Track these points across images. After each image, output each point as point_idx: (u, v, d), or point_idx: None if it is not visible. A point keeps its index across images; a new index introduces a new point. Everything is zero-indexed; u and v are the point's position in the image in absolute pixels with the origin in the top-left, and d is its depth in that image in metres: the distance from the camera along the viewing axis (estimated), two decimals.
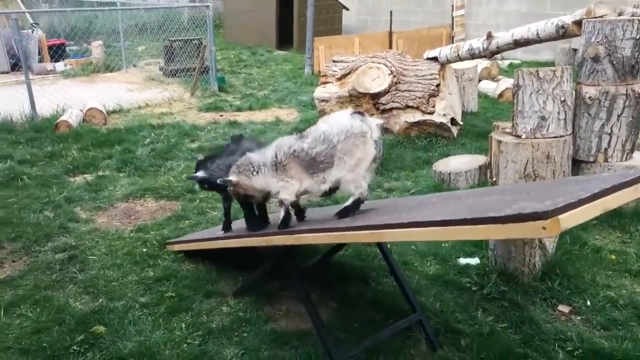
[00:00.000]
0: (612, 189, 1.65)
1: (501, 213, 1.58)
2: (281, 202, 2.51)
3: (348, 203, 2.45)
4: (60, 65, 10.07)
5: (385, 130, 5.73)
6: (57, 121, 6.30)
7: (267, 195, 2.62)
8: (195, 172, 2.93)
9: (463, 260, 3.38)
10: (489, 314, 2.89)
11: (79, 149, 5.65)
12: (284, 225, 2.54)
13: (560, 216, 1.45)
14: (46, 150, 5.61)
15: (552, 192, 1.83)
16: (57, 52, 10.04)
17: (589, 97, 3.91)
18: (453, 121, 5.85)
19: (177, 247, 3.56)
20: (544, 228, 1.45)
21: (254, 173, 2.49)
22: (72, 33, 10.71)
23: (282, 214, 2.53)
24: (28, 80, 6.69)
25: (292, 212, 2.63)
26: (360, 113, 2.40)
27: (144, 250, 3.62)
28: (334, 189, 2.44)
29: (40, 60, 10.12)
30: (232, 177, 2.54)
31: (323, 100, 6.43)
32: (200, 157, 3.09)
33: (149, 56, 11.03)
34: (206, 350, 2.65)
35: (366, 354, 2.57)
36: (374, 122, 2.38)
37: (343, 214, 2.45)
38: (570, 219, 1.48)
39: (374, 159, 2.37)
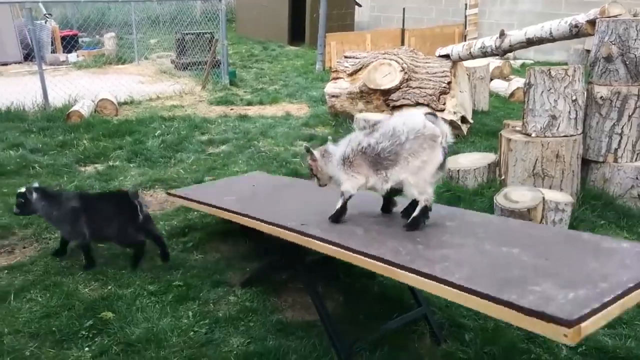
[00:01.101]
0: (632, 288, 1.68)
1: (524, 299, 1.61)
2: (342, 193, 2.53)
3: (416, 213, 2.38)
4: (72, 56, 10.15)
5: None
6: (69, 111, 6.37)
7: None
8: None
9: None
10: None
11: (90, 139, 5.71)
12: (336, 218, 2.57)
13: (582, 324, 1.49)
14: (58, 139, 5.67)
15: (573, 271, 1.83)
16: (69, 43, 10.13)
17: (601, 97, 3.89)
18: (463, 119, 5.84)
19: (181, 202, 3.60)
20: (565, 335, 1.49)
21: (328, 161, 2.54)
22: (85, 24, 10.81)
23: (338, 205, 2.56)
24: (41, 71, 6.76)
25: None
26: (434, 115, 2.33)
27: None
28: (398, 190, 2.40)
29: (53, 51, 10.21)
30: (316, 153, 2.60)
31: (334, 96, 6.44)
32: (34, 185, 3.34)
33: (161, 49, 11.09)
34: (212, 338, 2.68)
35: (371, 346, 2.59)
36: (447, 127, 2.29)
37: (414, 225, 2.38)
38: (590, 326, 1.53)
39: (441, 166, 2.27)
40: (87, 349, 2.57)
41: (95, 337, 2.65)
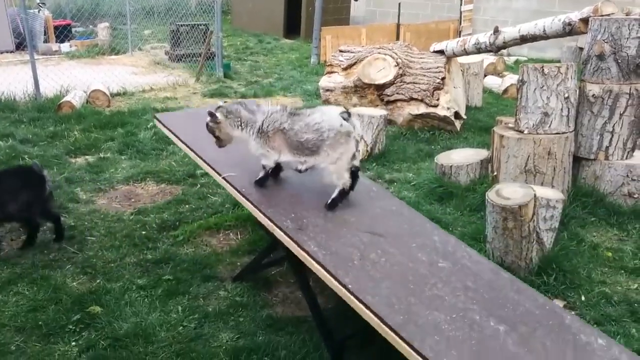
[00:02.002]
0: None
1: None
2: (263, 166, 2.78)
3: (335, 195, 2.65)
4: (65, 46, 10.04)
5: (388, 121, 5.71)
6: (60, 102, 6.30)
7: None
8: None
9: None
10: None
11: (81, 130, 5.66)
12: (260, 183, 2.79)
13: None
14: (48, 130, 5.62)
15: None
16: (62, 33, 10.01)
17: (593, 95, 3.90)
18: (457, 115, 5.83)
19: (165, 131, 3.48)
20: None
21: (237, 126, 2.72)
22: (79, 14, 10.70)
23: (261, 174, 2.79)
24: (33, 60, 6.67)
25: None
26: (348, 113, 2.63)
27: (143, 232, 3.64)
28: (308, 169, 2.71)
29: (46, 41, 10.09)
30: (219, 115, 2.72)
31: (328, 90, 6.42)
32: None
33: (155, 40, 11.00)
34: (201, 333, 2.67)
35: (361, 342, 2.59)
36: (358, 122, 2.64)
37: (332, 206, 2.66)
38: None
39: (354, 154, 2.61)
40: (73, 343, 2.56)
41: (83, 331, 2.64)
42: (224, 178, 2.88)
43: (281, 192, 2.83)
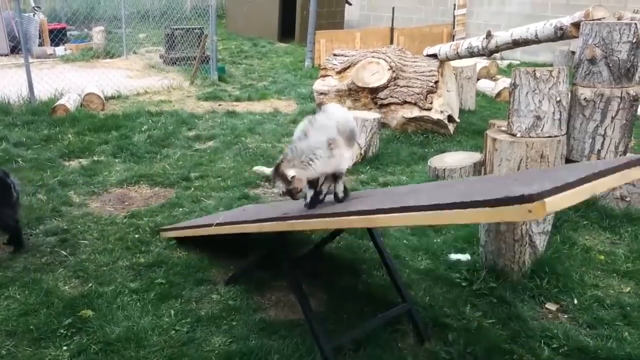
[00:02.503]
0: (599, 174, 1.66)
1: (489, 197, 1.58)
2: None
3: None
4: (60, 50, 10.02)
5: (382, 125, 5.73)
6: (55, 105, 6.28)
7: None
8: None
9: (454, 256, 3.40)
10: (477, 309, 2.91)
11: (75, 134, 5.64)
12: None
13: (546, 199, 1.45)
14: (42, 133, 5.60)
15: (542, 178, 1.83)
16: (57, 37, 9.99)
17: (584, 99, 3.93)
18: (450, 118, 5.86)
19: (171, 234, 3.57)
20: (529, 211, 1.46)
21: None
22: (74, 18, 10.67)
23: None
24: (27, 64, 6.66)
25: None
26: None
27: (136, 236, 3.62)
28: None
29: (41, 44, 10.08)
30: (292, 172, 2.49)
31: (322, 93, 6.43)
32: None
33: (149, 44, 11.00)
34: (194, 337, 2.66)
35: (354, 345, 2.59)
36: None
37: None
38: (556, 202, 1.48)
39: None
40: (65, 347, 2.54)
41: (74, 335, 2.62)
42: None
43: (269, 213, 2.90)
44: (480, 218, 1.66)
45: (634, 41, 3.79)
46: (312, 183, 2.60)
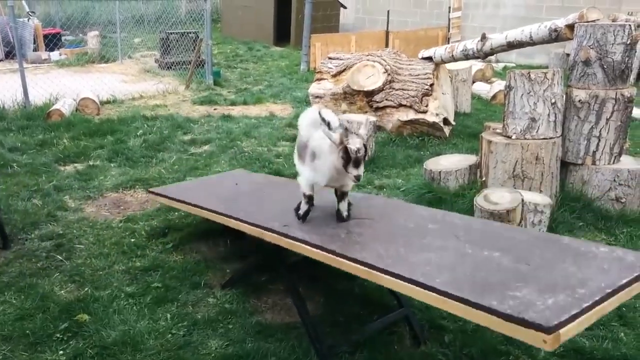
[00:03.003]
0: (609, 294, 1.71)
1: (504, 305, 1.63)
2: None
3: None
4: (55, 55, 10.02)
5: (378, 128, 5.74)
6: (50, 110, 6.28)
7: None
8: None
9: None
10: None
11: (70, 138, 5.63)
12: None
13: (561, 330, 1.53)
14: (37, 138, 5.59)
15: (553, 276, 1.86)
16: (52, 41, 9.99)
17: (579, 100, 3.94)
18: (445, 121, 5.87)
19: (161, 199, 3.56)
20: (544, 341, 1.53)
21: None
22: (68, 22, 10.68)
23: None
24: (22, 69, 6.65)
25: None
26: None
27: (132, 240, 3.61)
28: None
29: (35, 49, 10.07)
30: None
31: (317, 97, 6.44)
32: None
33: (144, 48, 11.00)
34: (190, 340, 2.65)
35: (351, 348, 2.59)
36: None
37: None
38: (569, 332, 1.56)
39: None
40: (61, 352, 2.53)
41: (70, 340, 2.61)
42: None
43: (264, 204, 2.86)
44: (492, 325, 1.70)
45: (628, 43, 3.81)
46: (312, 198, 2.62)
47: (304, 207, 2.65)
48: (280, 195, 3.27)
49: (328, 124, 2.36)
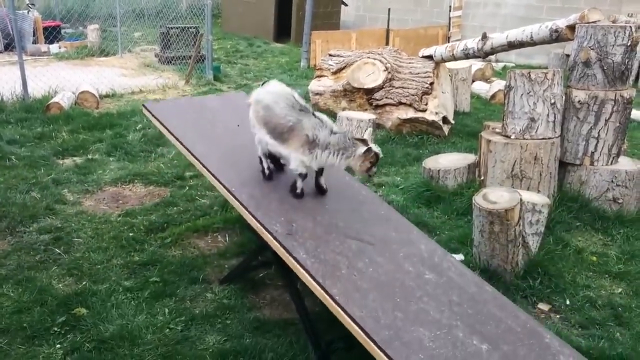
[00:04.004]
0: None
1: None
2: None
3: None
4: (54, 47, 9.97)
5: (377, 125, 5.74)
6: (49, 103, 6.26)
7: None
8: None
9: None
10: None
11: (69, 132, 5.62)
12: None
13: None
14: (36, 131, 5.58)
15: None
16: (52, 34, 9.95)
17: (579, 101, 3.95)
18: (445, 120, 5.88)
19: (155, 122, 3.34)
20: None
21: None
22: (69, 15, 10.63)
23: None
24: (21, 61, 6.62)
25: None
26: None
27: (131, 234, 3.62)
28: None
29: (35, 42, 10.02)
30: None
31: (317, 94, 6.44)
32: None
33: (145, 42, 10.96)
34: (188, 335, 2.66)
35: (348, 344, 2.59)
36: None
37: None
38: None
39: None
40: (58, 345, 2.54)
41: (68, 333, 2.62)
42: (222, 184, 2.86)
43: (271, 194, 2.84)
44: None
45: (628, 44, 3.82)
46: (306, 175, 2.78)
47: (300, 185, 2.81)
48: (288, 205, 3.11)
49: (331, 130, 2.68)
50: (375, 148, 2.69)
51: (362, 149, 2.64)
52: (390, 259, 2.52)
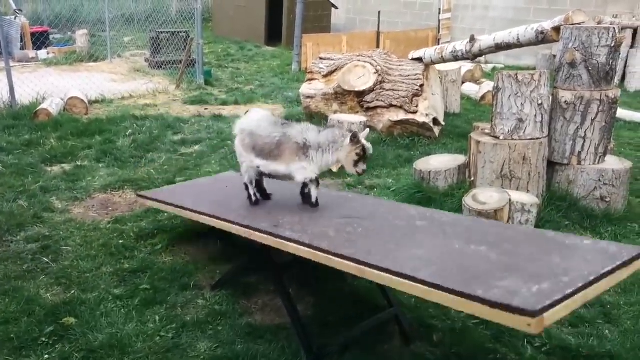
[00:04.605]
0: (592, 282, 1.74)
1: (489, 293, 1.66)
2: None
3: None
4: (42, 53, 9.92)
5: (368, 128, 5.74)
6: (37, 109, 6.22)
7: None
8: None
9: None
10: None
11: (57, 138, 5.59)
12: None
13: (545, 314, 1.56)
14: (24, 138, 5.54)
15: (537, 267, 1.90)
16: (40, 40, 9.89)
17: (565, 102, 3.98)
18: (435, 121, 5.90)
19: (149, 204, 3.55)
20: (529, 325, 1.56)
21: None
22: (57, 21, 10.57)
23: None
24: (8, 67, 6.57)
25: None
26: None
27: (120, 242, 3.59)
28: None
29: (23, 48, 9.97)
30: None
31: (309, 97, 6.44)
32: None
33: (134, 47, 10.92)
34: (179, 343, 2.64)
35: (341, 348, 2.59)
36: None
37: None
38: (553, 316, 1.60)
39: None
40: (47, 356, 2.51)
41: (56, 343, 2.59)
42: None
43: (257, 210, 2.96)
44: (477, 312, 1.74)
45: (612, 45, 3.86)
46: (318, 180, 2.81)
47: (315, 193, 2.83)
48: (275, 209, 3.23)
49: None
50: (365, 141, 2.68)
51: (349, 137, 2.66)
52: (379, 222, 2.59)
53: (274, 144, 2.77)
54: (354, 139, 2.65)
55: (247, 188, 3.03)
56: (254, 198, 3.02)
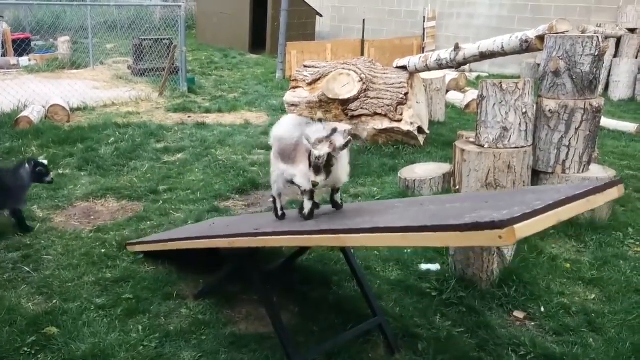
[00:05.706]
0: (565, 201, 1.72)
1: (460, 221, 1.63)
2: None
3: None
4: (24, 60, 9.80)
5: (353, 136, 5.76)
6: (18, 117, 6.12)
7: None
8: None
9: (424, 266, 3.42)
10: (447, 318, 2.93)
11: (39, 146, 5.50)
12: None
13: (515, 226, 1.51)
14: (4, 146, 5.45)
15: (510, 202, 1.89)
16: (21, 47, 9.77)
17: (549, 110, 4.03)
18: (420, 130, 5.93)
19: (138, 248, 3.49)
20: (500, 237, 1.52)
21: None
22: (38, 27, 10.46)
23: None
24: None
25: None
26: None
27: (103, 251, 3.53)
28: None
29: (4, 55, 9.85)
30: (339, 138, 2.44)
31: (293, 105, 6.43)
32: None
33: (117, 54, 10.84)
34: (162, 353, 2.60)
35: (325, 358, 2.57)
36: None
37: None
38: (525, 229, 1.54)
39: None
40: None
41: (38, 354, 2.53)
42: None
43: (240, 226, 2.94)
44: (450, 242, 1.72)
45: (596, 54, 3.92)
46: (313, 192, 2.57)
47: (308, 205, 2.57)
48: (257, 221, 3.21)
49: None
50: (320, 150, 2.34)
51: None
52: (359, 209, 2.67)
53: (292, 146, 2.54)
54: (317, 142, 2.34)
55: (274, 201, 2.83)
56: (280, 212, 2.81)
